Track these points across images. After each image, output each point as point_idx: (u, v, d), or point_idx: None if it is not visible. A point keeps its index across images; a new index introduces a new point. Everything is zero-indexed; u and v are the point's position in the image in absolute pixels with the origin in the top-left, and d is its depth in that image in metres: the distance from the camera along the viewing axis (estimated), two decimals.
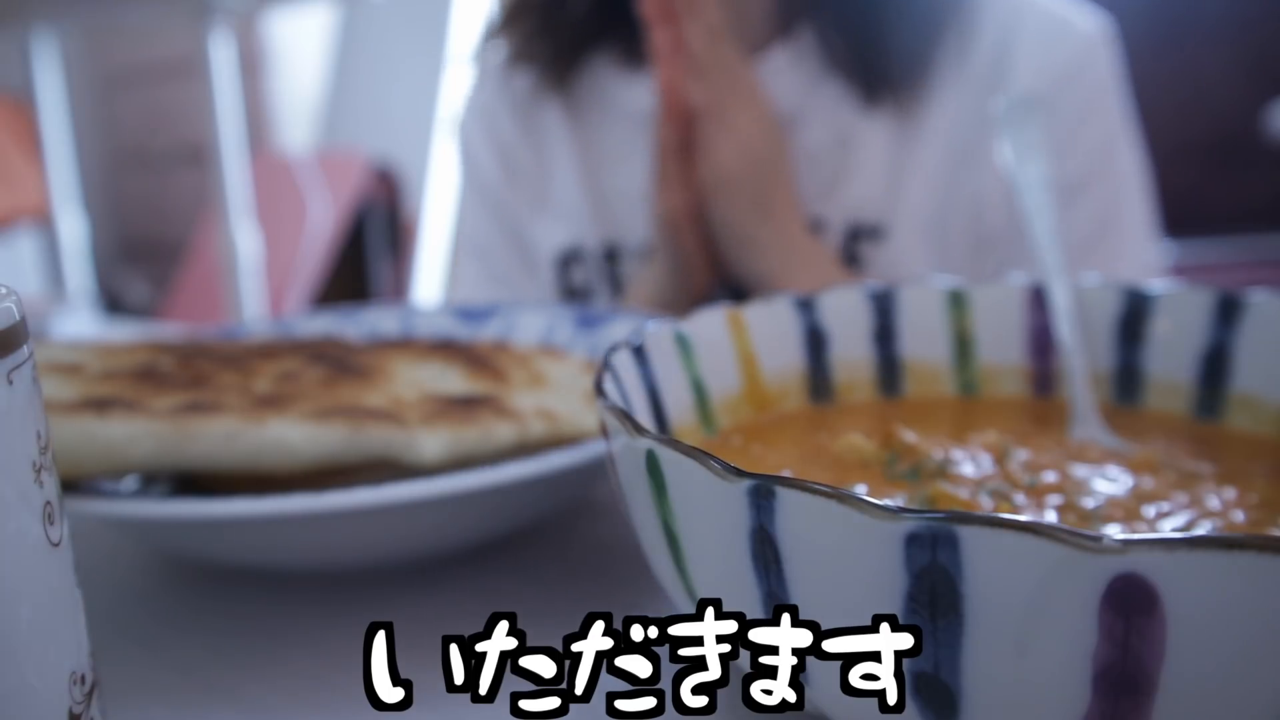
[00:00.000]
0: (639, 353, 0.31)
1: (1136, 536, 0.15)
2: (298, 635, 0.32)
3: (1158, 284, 0.36)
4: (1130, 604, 0.16)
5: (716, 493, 0.19)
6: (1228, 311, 0.34)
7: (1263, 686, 0.16)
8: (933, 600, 0.17)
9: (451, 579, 0.35)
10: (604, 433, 0.25)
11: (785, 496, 0.18)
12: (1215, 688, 0.16)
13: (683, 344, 0.33)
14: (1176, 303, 0.35)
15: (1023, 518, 0.16)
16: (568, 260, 0.73)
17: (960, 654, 0.17)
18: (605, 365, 0.28)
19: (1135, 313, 0.35)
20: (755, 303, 0.36)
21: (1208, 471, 0.29)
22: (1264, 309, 0.33)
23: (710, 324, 0.34)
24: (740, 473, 0.19)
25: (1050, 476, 0.28)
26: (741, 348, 0.35)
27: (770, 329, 0.36)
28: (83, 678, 0.20)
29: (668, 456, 0.21)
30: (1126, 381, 0.36)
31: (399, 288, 2.40)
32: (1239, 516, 0.25)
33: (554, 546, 0.37)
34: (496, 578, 0.35)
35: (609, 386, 0.26)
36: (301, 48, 2.72)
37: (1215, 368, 0.34)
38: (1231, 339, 0.33)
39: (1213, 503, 0.26)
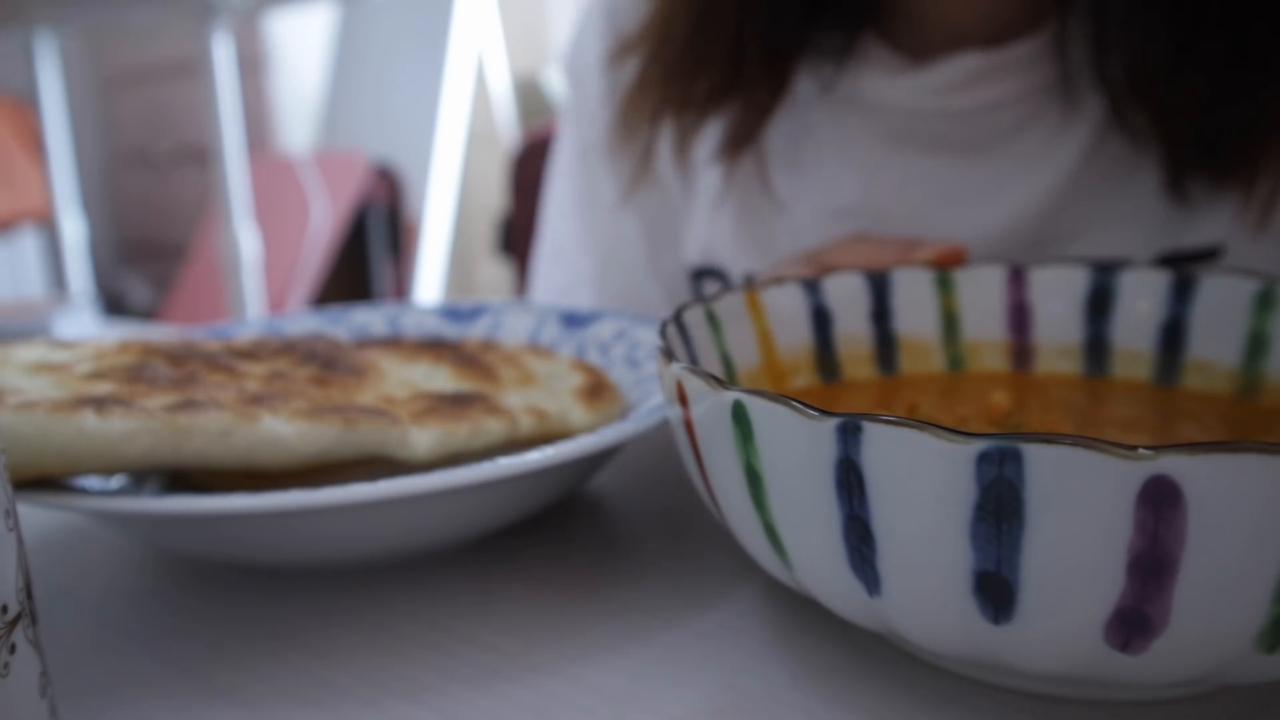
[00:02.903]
0: (682, 330, 0.34)
1: (1166, 445, 0.20)
2: (299, 634, 0.32)
3: (1120, 264, 0.40)
4: (1160, 500, 0.20)
5: (805, 431, 0.23)
6: (1182, 289, 0.39)
7: (1262, 563, 0.20)
8: (998, 508, 0.21)
9: (448, 577, 0.36)
10: (677, 394, 0.28)
11: (871, 429, 0.22)
12: (1225, 565, 0.20)
13: (713, 321, 0.37)
14: (1138, 281, 0.39)
15: (1075, 435, 0.20)
16: (701, 274, 0.62)
17: (1019, 552, 0.21)
18: (662, 339, 0.31)
19: (1102, 290, 0.40)
20: (770, 285, 0.40)
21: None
22: (1213, 286, 0.38)
23: (733, 304, 0.38)
24: (827, 413, 0.23)
25: None
26: (759, 325, 0.39)
27: (783, 309, 0.40)
28: (4, 607, 0.21)
29: (756, 404, 0.24)
30: (1095, 351, 0.40)
31: (400, 288, 2.39)
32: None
33: (549, 544, 0.38)
34: (493, 575, 0.36)
35: (675, 354, 0.30)
36: (301, 48, 2.70)
37: (1173, 337, 0.39)
38: (1186, 312, 0.39)
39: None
